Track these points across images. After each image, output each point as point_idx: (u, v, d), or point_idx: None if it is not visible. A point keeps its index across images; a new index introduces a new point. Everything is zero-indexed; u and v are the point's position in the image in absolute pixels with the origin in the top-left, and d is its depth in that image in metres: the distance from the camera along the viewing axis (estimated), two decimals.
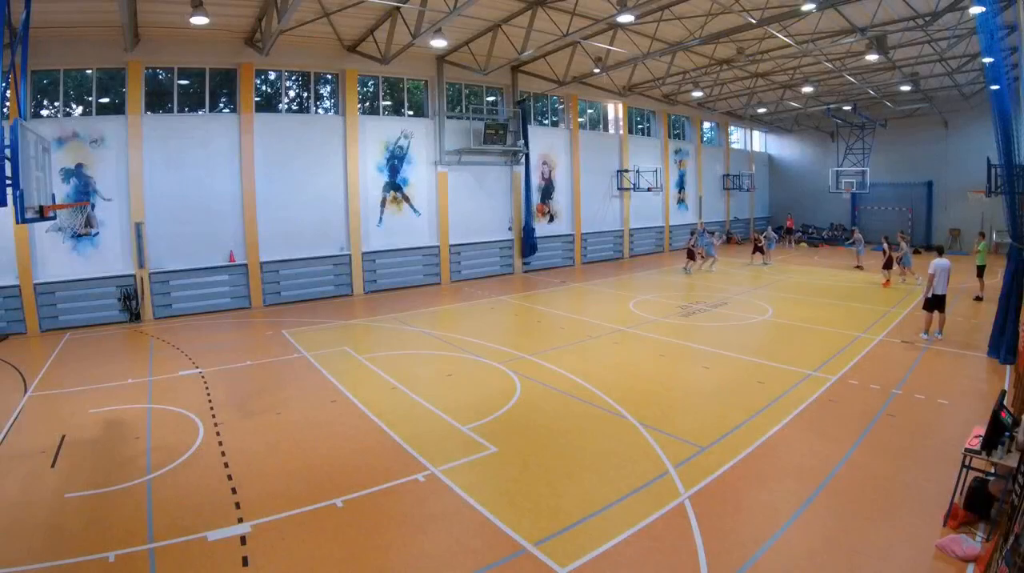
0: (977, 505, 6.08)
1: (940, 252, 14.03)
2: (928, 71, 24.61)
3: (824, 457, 7.66)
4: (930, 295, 13.45)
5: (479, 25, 19.22)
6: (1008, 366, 11.26)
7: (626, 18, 16.37)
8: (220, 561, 5.71)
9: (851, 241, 27.03)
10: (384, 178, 22.17)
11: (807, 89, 28.13)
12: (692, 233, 30.12)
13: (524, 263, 26.42)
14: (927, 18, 16.69)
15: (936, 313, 13.56)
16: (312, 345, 14.13)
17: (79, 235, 16.80)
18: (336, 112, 21.33)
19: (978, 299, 17.66)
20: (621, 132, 30.91)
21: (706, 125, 37.56)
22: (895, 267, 20.99)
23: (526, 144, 25.13)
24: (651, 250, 32.92)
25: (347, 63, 20.83)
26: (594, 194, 29.44)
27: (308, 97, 21.23)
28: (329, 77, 21.32)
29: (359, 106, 21.59)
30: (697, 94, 28.94)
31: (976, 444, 6.15)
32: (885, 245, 21.42)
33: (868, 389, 10.29)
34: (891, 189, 34.29)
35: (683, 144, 35.22)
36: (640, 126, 32.96)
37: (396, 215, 22.53)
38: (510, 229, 25.94)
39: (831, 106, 31.82)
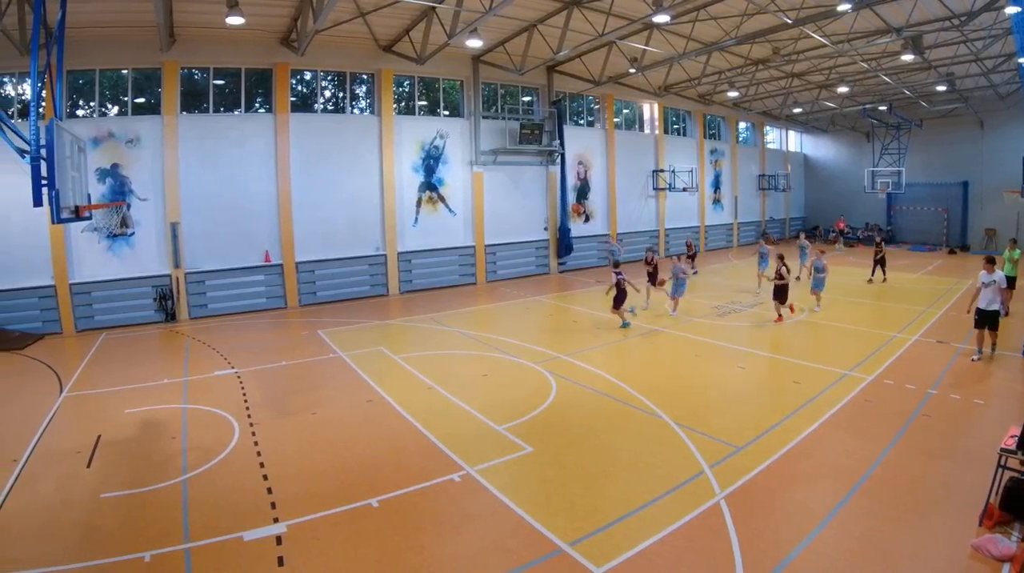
0: (1013, 505, 6.03)
1: (992, 263, 11.72)
2: (964, 71, 24.07)
3: (860, 457, 7.55)
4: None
5: (514, 25, 19.07)
6: None
7: (662, 18, 16.19)
8: (256, 561, 5.67)
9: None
10: (420, 178, 22.11)
11: (843, 89, 27.93)
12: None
13: (560, 263, 26.14)
14: (963, 18, 16.52)
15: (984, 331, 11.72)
16: (348, 345, 14.07)
17: (115, 235, 16.95)
18: (372, 112, 21.32)
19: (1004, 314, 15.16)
20: (657, 132, 30.49)
21: (742, 125, 36.92)
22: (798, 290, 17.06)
23: (562, 144, 24.89)
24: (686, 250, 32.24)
25: (382, 63, 20.80)
26: (630, 194, 29.08)
27: (344, 97, 21.27)
28: (364, 77, 21.33)
29: (394, 106, 21.55)
30: (733, 94, 28.51)
31: (1012, 444, 6.18)
32: (779, 263, 15.52)
33: (904, 389, 10.12)
34: (927, 189, 33.64)
35: (719, 144, 34.64)
36: (676, 126, 32.50)
37: (432, 215, 22.45)
38: (546, 229, 25.70)
39: (867, 106, 31.19)
